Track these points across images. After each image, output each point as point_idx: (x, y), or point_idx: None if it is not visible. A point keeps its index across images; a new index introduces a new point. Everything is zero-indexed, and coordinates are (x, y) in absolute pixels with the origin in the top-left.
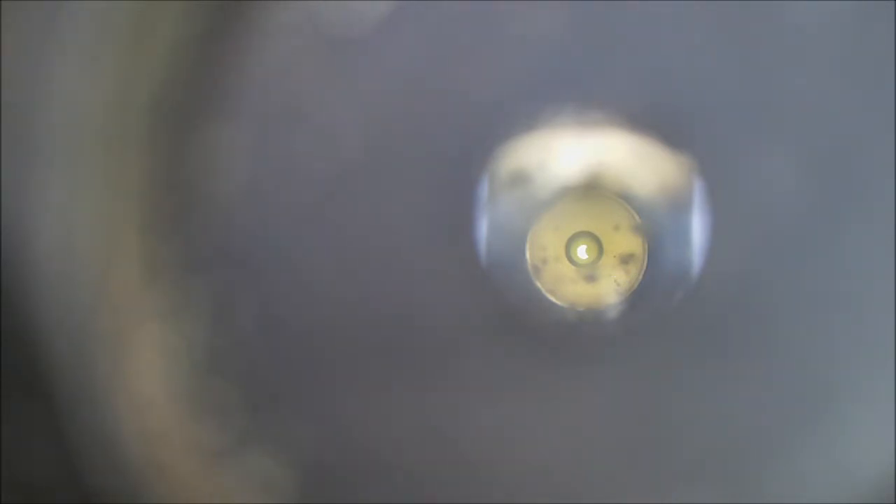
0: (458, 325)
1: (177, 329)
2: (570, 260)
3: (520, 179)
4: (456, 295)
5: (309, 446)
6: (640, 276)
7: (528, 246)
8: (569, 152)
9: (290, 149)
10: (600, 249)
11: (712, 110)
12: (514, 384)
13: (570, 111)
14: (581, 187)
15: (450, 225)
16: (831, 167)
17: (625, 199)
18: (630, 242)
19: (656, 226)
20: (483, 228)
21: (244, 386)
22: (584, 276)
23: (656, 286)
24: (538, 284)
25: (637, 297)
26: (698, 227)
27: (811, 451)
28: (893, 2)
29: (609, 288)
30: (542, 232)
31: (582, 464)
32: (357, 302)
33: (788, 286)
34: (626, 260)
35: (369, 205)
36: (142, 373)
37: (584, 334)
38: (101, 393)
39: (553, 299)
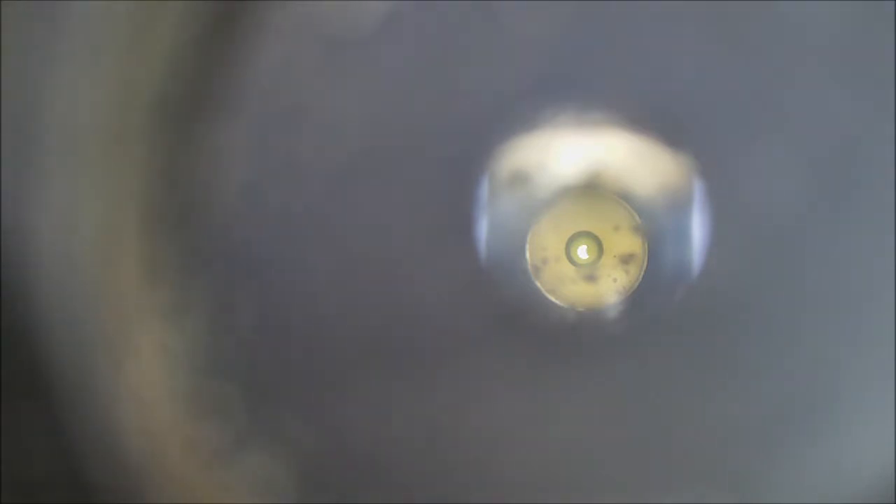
0: (458, 325)
1: (177, 329)
2: (570, 260)
3: (520, 179)
4: (456, 295)
5: (309, 446)
6: (640, 276)
7: (528, 246)
8: (569, 152)
9: (290, 149)
10: (600, 249)
11: (712, 110)
12: (514, 384)
13: (570, 111)
14: (581, 187)
15: (450, 225)
16: (831, 167)
17: (625, 199)
18: (630, 242)
19: (656, 226)
20: (483, 228)
21: (244, 386)
22: (584, 276)
23: (656, 286)
24: (538, 284)
25: (637, 297)
26: (698, 227)
27: (811, 451)
28: (893, 2)
29: (609, 288)
30: (542, 232)
31: (582, 463)
32: (357, 302)
33: (788, 286)
34: (626, 260)
35: (369, 205)
36: (142, 373)
37: (584, 334)
38: (101, 393)
39: (553, 299)
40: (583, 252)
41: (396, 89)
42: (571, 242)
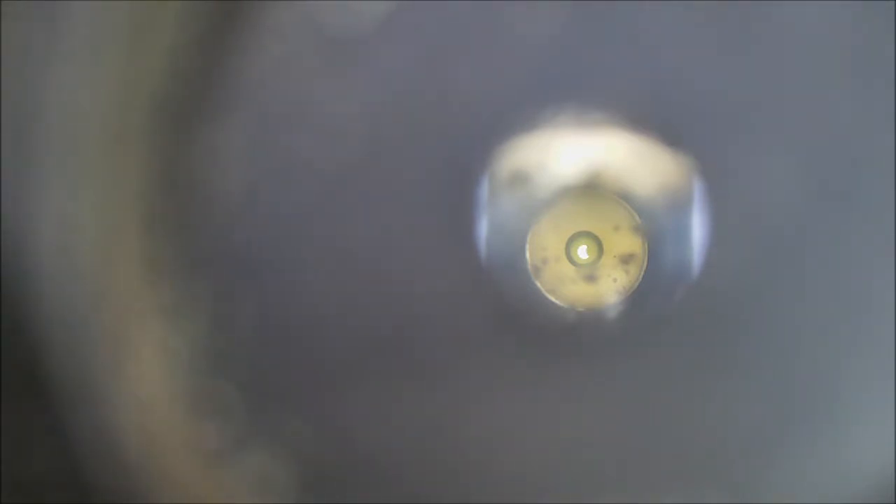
0: (458, 325)
1: (177, 329)
2: (570, 260)
3: (520, 179)
4: (456, 295)
5: (309, 446)
6: (640, 276)
7: (528, 246)
8: (569, 152)
9: (290, 149)
10: (600, 249)
11: (712, 110)
12: (514, 384)
13: (570, 111)
14: (581, 187)
15: (450, 225)
16: (831, 167)
17: (625, 199)
18: (630, 242)
19: (656, 226)
20: (483, 228)
21: (244, 386)
22: (584, 276)
23: (656, 286)
24: (538, 284)
25: (637, 297)
26: (698, 227)
27: (811, 451)
28: (893, 2)
29: (609, 288)
30: (542, 232)
31: (582, 464)
32: (357, 302)
33: (788, 286)
34: (626, 260)
35: (369, 205)
36: (142, 372)
37: (584, 334)
38: (101, 393)
39: (553, 299)
40: (583, 252)
41: (396, 89)
42: (571, 242)
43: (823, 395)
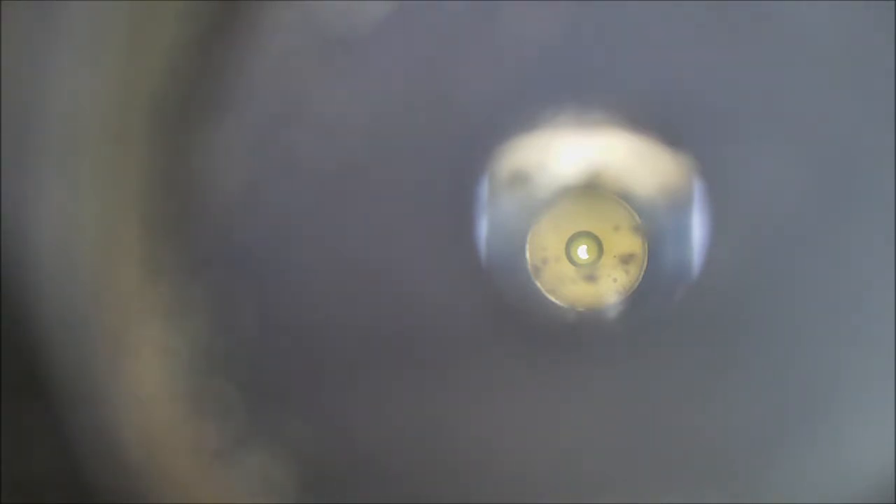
0: (458, 326)
1: (177, 329)
2: (570, 260)
3: (520, 179)
4: (456, 295)
5: (309, 446)
6: (640, 276)
7: (528, 246)
8: (569, 152)
9: (290, 148)
10: (600, 249)
11: (712, 110)
12: (514, 384)
13: (570, 111)
14: (581, 187)
15: (450, 225)
16: (831, 167)
17: (625, 199)
18: (630, 242)
19: (656, 226)
20: (483, 228)
21: (244, 386)
22: (584, 276)
23: (656, 286)
24: (538, 284)
25: (637, 297)
26: (698, 227)
27: (811, 451)
28: (893, 2)
29: (609, 288)
30: (542, 232)
31: (582, 464)
32: (357, 302)
33: (788, 286)
34: (626, 260)
35: (369, 205)
36: (142, 372)
37: (584, 334)
38: (101, 393)
39: (553, 299)
40: (583, 252)
41: (396, 89)
42: (571, 242)
43: (823, 395)
